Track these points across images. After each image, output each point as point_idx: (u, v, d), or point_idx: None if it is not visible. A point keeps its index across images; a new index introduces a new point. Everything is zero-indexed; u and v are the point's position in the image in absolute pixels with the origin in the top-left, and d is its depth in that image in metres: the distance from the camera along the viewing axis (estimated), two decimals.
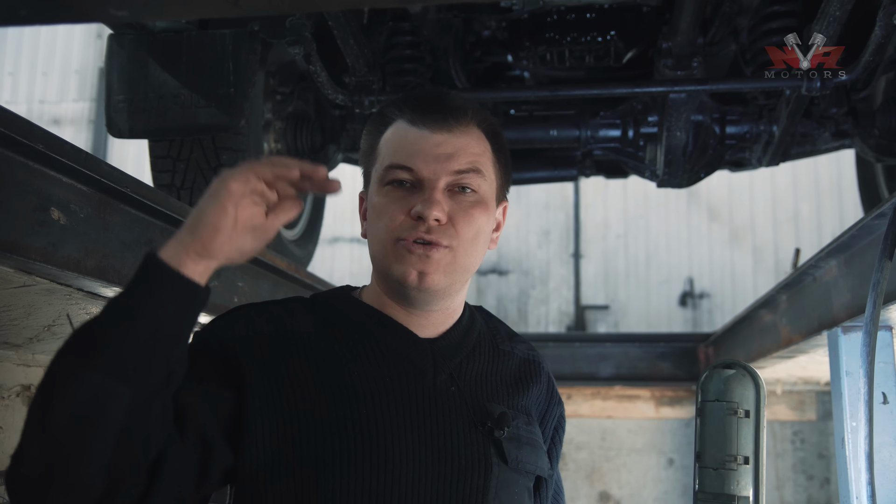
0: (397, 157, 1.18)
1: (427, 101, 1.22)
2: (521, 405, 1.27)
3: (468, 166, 1.18)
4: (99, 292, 1.65)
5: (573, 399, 5.27)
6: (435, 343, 1.22)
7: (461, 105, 1.22)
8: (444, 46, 2.85)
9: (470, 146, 1.20)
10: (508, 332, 1.38)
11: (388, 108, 1.26)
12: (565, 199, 8.49)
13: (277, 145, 3.03)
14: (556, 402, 1.38)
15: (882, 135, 2.71)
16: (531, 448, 1.23)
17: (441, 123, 1.19)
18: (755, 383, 1.23)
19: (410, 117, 1.20)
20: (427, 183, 1.16)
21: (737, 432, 1.23)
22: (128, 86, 2.28)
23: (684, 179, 2.94)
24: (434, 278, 1.16)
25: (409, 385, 1.15)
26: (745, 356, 3.53)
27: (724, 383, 1.25)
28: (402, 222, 1.16)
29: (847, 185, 7.66)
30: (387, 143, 1.22)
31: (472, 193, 1.19)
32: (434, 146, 1.18)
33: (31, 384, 2.30)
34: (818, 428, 5.29)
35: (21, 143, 1.31)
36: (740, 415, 1.22)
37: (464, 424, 1.15)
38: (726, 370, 1.25)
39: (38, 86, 9.21)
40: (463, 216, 1.17)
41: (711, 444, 1.24)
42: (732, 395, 1.24)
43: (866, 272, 1.92)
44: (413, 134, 1.19)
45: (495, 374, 1.27)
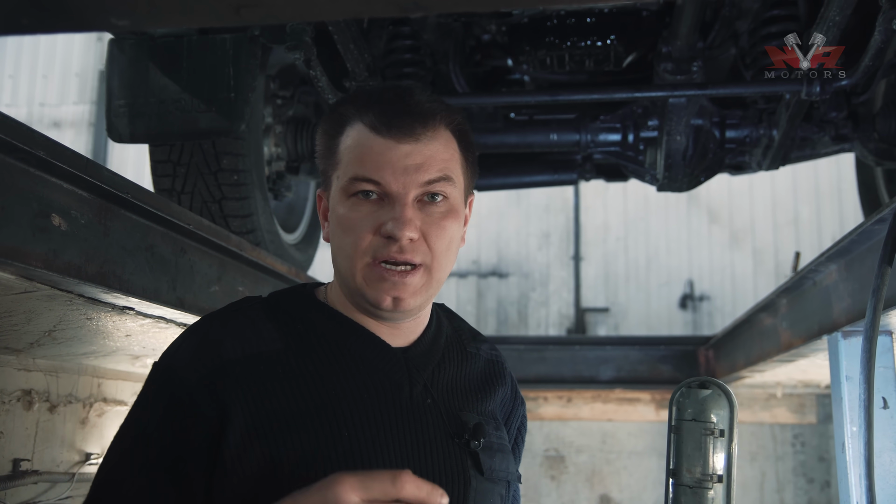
0: (362, 169, 1.10)
1: (391, 107, 1.12)
2: (490, 410, 1.26)
3: (438, 175, 1.12)
4: (100, 298, 1.65)
5: (573, 402, 5.27)
6: (407, 353, 1.19)
7: (427, 108, 1.13)
8: (444, 50, 2.86)
9: (439, 153, 1.13)
10: (471, 331, 1.36)
11: (345, 106, 1.17)
12: (565, 201, 8.49)
13: (277, 149, 3.03)
14: (519, 402, 1.37)
15: (882, 138, 2.71)
16: (502, 455, 1.22)
17: (408, 132, 1.11)
18: (729, 403, 1.26)
19: (372, 123, 1.11)
20: (396, 197, 1.10)
21: (713, 451, 1.25)
22: (128, 90, 2.27)
23: (684, 183, 2.94)
24: (409, 302, 1.12)
25: (387, 399, 1.12)
26: (746, 359, 3.53)
27: (701, 403, 1.27)
28: (372, 241, 1.10)
29: (847, 187, 7.67)
30: (348, 149, 1.14)
31: (442, 202, 1.13)
32: (402, 157, 1.10)
33: (31, 389, 2.30)
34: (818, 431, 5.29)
35: (22, 149, 1.32)
36: (716, 434, 1.25)
37: (441, 438, 1.14)
38: (702, 390, 1.27)
39: (38, 88, 9.22)
40: (435, 229, 1.12)
41: (689, 462, 1.26)
42: (709, 414, 1.26)
43: (866, 277, 1.92)
44: (377, 144, 1.11)
45: (464, 378, 1.25)
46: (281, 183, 3.09)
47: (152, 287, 1.78)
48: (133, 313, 1.84)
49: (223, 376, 1.07)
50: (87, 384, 2.61)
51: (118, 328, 2.00)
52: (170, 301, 1.85)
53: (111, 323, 1.92)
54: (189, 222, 1.89)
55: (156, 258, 1.80)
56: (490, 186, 3.34)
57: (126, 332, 2.07)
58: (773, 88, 2.39)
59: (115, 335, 2.09)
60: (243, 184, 2.61)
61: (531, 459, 5.55)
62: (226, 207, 2.62)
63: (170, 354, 1.13)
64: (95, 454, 2.61)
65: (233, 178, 2.59)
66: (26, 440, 2.29)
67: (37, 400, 2.32)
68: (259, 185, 2.71)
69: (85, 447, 2.58)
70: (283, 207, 3.34)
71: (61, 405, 2.45)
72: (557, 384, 4.84)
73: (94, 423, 2.63)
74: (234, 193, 2.61)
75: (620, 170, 3.31)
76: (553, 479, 5.52)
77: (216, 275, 2.11)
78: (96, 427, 2.64)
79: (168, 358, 1.12)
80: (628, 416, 5.27)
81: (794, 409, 5.18)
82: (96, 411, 2.65)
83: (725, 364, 4.14)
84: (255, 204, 2.67)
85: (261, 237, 2.73)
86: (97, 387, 2.66)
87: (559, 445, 5.54)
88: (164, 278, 1.83)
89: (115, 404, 2.77)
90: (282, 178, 3.09)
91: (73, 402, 2.52)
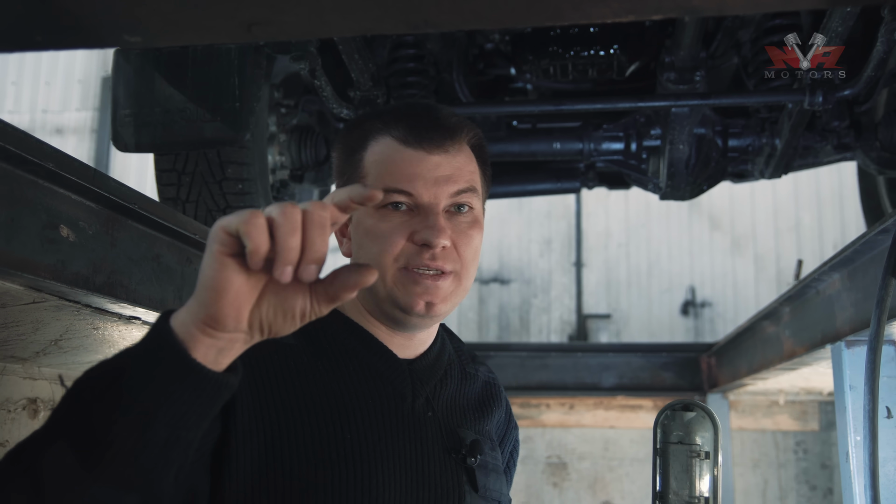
0: (393, 180, 1.14)
1: (420, 119, 1.17)
2: (486, 430, 1.28)
3: (466, 185, 1.16)
4: (107, 308, 1.66)
5: (576, 409, 5.27)
6: (413, 365, 1.21)
7: (455, 123, 1.18)
8: (447, 59, 2.87)
9: (466, 165, 1.18)
10: (470, 353, 1.38)
11: (370, 121, 1.21)
12: (567, 208, 8.50)
13: (281, 158, 3.04)
14: (512, 426, 1.40)
15: (884, 147, 2.72)
16: (496, 475, 1.24)
17: (437, 144, 1.15)
18: (713, 425, 1.28)
19: (402, 136, 1.15)
20: (429, 207, 1.13)
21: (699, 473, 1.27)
22: (134, 100, 2.28)
23: (687, 192, 2.95)
24: (440, 307, 1.14)
25: (390, 409, 1.14)
26: (748, 367, 3.53)
27: (686, 426, 1.29)
28: (405, 248, 1.13)
29: (848, 194, 7.67)
30: (376, 162, 1.17)
31: (468, 212, 1.17)
32: (432, 168, 1.14)
33: (36, 397, 2.31)
34: (821, 438, 5.29)
35: (32, 161, 1.33)
36: (702, 456, 1.27)
37: (440, 451, 1.15)
38: (687, 412, 1.28)
39: (41, 95, 9.24)
40: (463, 238, 1.15)
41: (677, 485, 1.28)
42: (694, 437, 1.28)
43: (869, 286, 1.93)
44: (408, 155, 1.14)
45: (463, 397, 1.27)
46: (285, 191, 3.10)
47: (158, 297, 1.78)
48: (139, 323, 1.85)
49: None
50: None
51: (124, 337, 2.01)
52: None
53: (117, 332, 1.93)
54: (195, 232, 1.90)
55: (162, 268, 1.81)
56: (493, 195, 3.35)
57: (132, 341, 2.07)
58: (776, 98, 2.40)
59: (121, 344, 2.10)
60: (248, 192, 2.62)
61: (533, 466, 5.55)
62: None
63: None
64: None
65: (237, 187, 2.60)
66: None
67: (42, 408, 2.33)
68: (263, 194, 2.72)
69: None
70: None
71: None
72: (560, 391, 4.85)
73: None
74: (239, 202, 2.62)
75: (623, 178, 3.32)
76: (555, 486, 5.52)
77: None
78: None
79: None
80: (630, 423, 5.27)
81: (797, 417, 5.18)
82: None
83: (728, 371, 4.14)
84: None
85: None
86: None
87: (561, 452, 5.54)
88: (170, 288, 1.84)
89: None
90: (286, 186, 3.10)
91: None
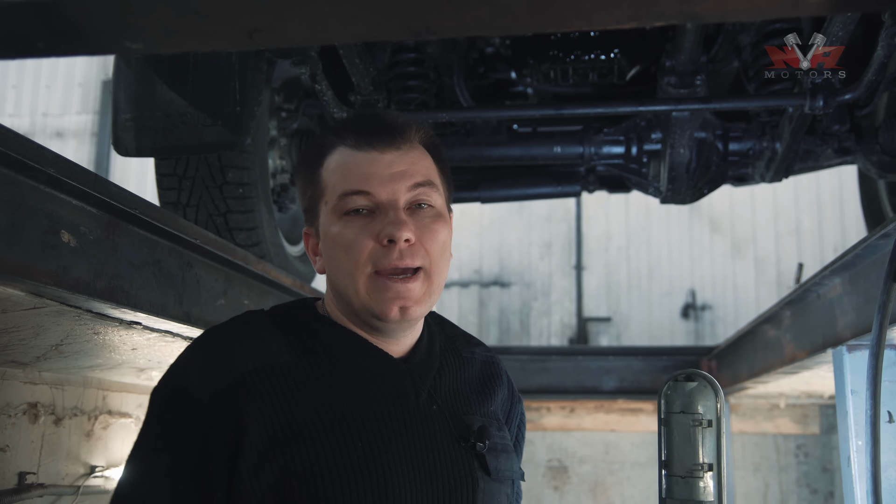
0: (350, 183, 1.15)
1: (369, 123, 1.20)
2: (492, 411, 1.29)
3: (423, 179, 1.18)
4: (107, 313, 1.66)
5: (576, 412, 5.27)
6: (408, 362, 1.21)
7: (403, 122, 1.20)
8: (448, 63, 2.87)
9: (420, 161, 1.20)
10: (464, 335, 1.39)
11: (322, 138, 1.24)
12: (567, 211, 8.51)
13: (282, 161, 3.04)
14: (517, 400, 1.41)
15: (885, 151, 2.72)
16: (506, 455, 1.25)
17: (388, 142, 1.17)
18: (715, 394, 1.30)
19: (353, 142, 1.18)
20: (388, 205, 1.14)
21: (701, 441, 1.29)
22: (135, 104, 2.28)
23: (688, 196, 2.95)
24: (415, 310, 1.15)
25: (395, 409, 1.15)
26: (749, 371, 3.53)
27: (687, 396, 1.31)
28: (372, 250, 1.13)
29: (849, 196, 7.68)
30: (332, 172, 1.19)
31: (429, 208, 1.18)
32: (386, 166, 1.16)
33: (37, 402, 2.31)
34: (822, 441, 5.28)
35: (33, 167, 1.33)
36: (704, 425, 1.29)
37: (448, 443, 1.17)
38: (688, 382, 1.31)
39: (41, 98, 9.25)
40: (428, 233, 1.16)
41: (678, 453, 1.31)
42: (696, 406, 1.31)
43: (871, 291, 1.93)
44: (361, 158, 1.17)
45: (464, 383, 1.28)
46: (285, 195, 3.10)
47: (159, 302, 1.78)
48: (140, 328, 1.85)
49: (236, 390, 1.07)
50: (93, 396, 2.61)
51: (125, 342, 2.01)
52: (176, 315, 1.85)
53: (118, 337, 1.93)
54: (196, 237, 1.90)
55: (163, 273, 1.81)
56: (494, 199, 3.35)
57: (132, 346, 2.07)
58: (777, 102, 2.40)
59: (122, 349, 2.10)
60: (248, 197, 2.62)
61: (534, 469, 5.54)
62: (231, 220, 2.63)
63: (178, 372, 1.13)
64: (100, 466, 2.61)
65: (238, 191, 2.60)
66: (32, 453, 2.29)
67: (42, 413, 2.33)
68: (264, 198, 2.72)
69: (90, 460, 2.58)
70: (286, 219, 3.35)
71: (67, 418, 2.46)
72: (560, 395, 4.85)
73: (98, 436, 2.63)
74: (240, 206, 2.62)
75: (623, 181, 3.32)
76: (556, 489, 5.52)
77: (222, 288, 2.12)
78: (101, 440, 2.65)
79: (177, 376, 1.12)
80: (631, 426, 5.27)
81: (798, 420, 5.18)
82: (101, 424, 2.65)
83: (728, 375, 4.14)
84: (260, 217, 2.68)
85: (265, 249, 2.74)
86: (102, 399, 2.67)
87: (562, 456, 5.53)
88: (170, 293, 1.84)
89: (119, 416, 2.77)
90: (286, 190, 3.10)
91: (78, 415, 2.52)
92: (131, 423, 2.84)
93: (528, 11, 0.80)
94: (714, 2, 0.79)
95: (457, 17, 0.82)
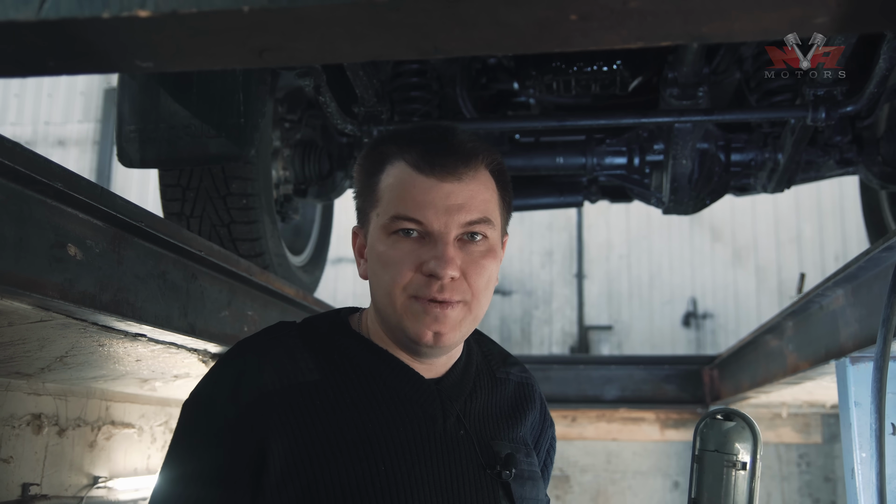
0: (404, 207, 1.11)
1: (434, 145, 1.13)
2: (521, 436, 1.27)
3: (479, 216, 1.12)
4: (113, 326, 1.66)
5: (578, 421, 5.26)
6: (440, 384, 1.19)
7: (470, 148, 1.14)
8: (450, 75, 2.88)
9: (480, 193, 1.14)
10: (501, 353, 1.36)
11: (386, 144, 1.18)
12: (568, 219, 8.51)
13: (285, 172, 3.05)
14: (548, 424, 1.39)
15: (886, 162, 2.72)
16: (532, 483, 1.24)
17: (451, 171, 1.11)
18: (753, 436, 1.27)
19: (415, 161, 1.12)
20: (438, 236, 1.10)
21: (734, 483, 1.26)
22: (139, 116, 2.29)
23: (690, 206, 2.95)
24: (449, 337, 1.12)
25: (422, 433, 1.13)
26: (751, 381, 3.53)
27: (724, 435, 1.28)
28: (413, 279, 1.11)
29: (849, 205, 7.68)
30: (389, 187, 1.14)
31: (482, 241, 1.14)
32: (444, 197, 1.10)
33: (41, 413, 2.31)
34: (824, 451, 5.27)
35: (40, 181, 1.33)
36: (738, 467, 1.26)
37: (474, 469, 1.15)
38: (727, 422, 1.28)
39: (43, 107, 9.27)
40: (474, 268, 1.12)
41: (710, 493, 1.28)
42: (731, 447, 1.27)
43: (874, 303, 1.93)
44: (420, 182, 1.11)
45: (495, 406, 1.26)
46: (288, 206, 3.11)
47: (164, 314, 1.79)
48: (145, 340, 1.85)
49: (263, 409, 1.08)
50: (96, 407, 2.61)
51: (129, 354, 2.01)
52: (181, 327, 1.86)
53: (122, 349, 1.93)
54: (200, 248, 1.90)
55: (168, 285, 1.81)
56: None
57: (136, 358, 2.08)
58: (779, 114, 2.41)
59: (126, 360, 2.10)
60: (252, 208, 2.63)
61: None
62: (235, 231, 2.64)
63: (208, 387, 1.14)
64: (103, 477, 2.61)
65: (242, 202, 2.60)
66: (35, 465, 2.29)
67: (46, 424, 2.33)
68: (267, 209, 2.73)
69: (93, 471, 2.58)
70: (289, 230, 3.35)
71: (70, 428, 2.46)
72: (562, 403, 4.84)
73: (102, 447, 2.63)
74: (243, 217, 2.62)
75: (625, 192, 3.33)
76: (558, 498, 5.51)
77: (226, 300, 2.12)
78: (104, 450, 2.65)
79: (206, 390, 1.13)
80: (633, 435, 5.26)
81: (800, 429, 5.17)
82: (104, 434, 2.65)
83: (730, 384, 4.14)
84: (263, 227, 2.68)
85: (269, 260, 2.75)
86: (105, 409, 2.67)
87: (564, 465, 5.52)
88: (175, 305, 1.84)
89: (123, 427, 2.77)
90: (289, 200, 3.10)
91: (81, 426, 2.52)
92: (134, 434, 2.84)
93: (535, 32, 0.81)
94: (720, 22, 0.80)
95: (465, 37, 0.82)
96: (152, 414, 2.99)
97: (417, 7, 0.75)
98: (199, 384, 1.14)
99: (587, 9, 0.76)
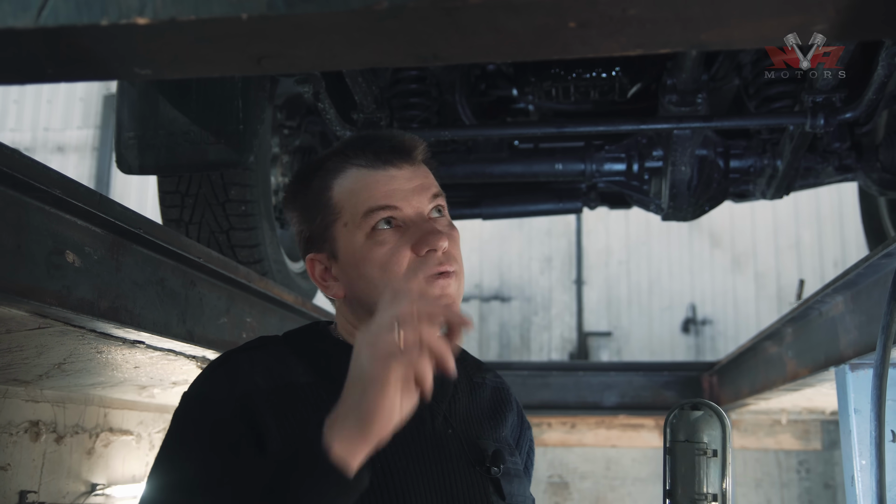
0: (374, 200, 1.17)
1: (377, 144, 1.21)
2: (504, 436, 1.30)
3: (438, 191, 1.22)
4: (111, 333, 1.66)
5: (577, 428, 5.26)
6: None
7: (411, 139, 1.23)
8: (449, 81, 2.88)
9: (429, 174, 1.24)
10: (475, 361, 1.39)
11: (326, 161, 1.23)
12: (567, 225, 8.51)
13: (284, 178, 3.05)
14: (526, 427, 1.41)
15: (885, 168, 2.72)
16: (519, 480, 1.26)
17: (404, 158, 1.20)
18: (722, 424, 1.29)
19: (368, 162, 1.19)
20: (417, 217, 1.17)
21: (706, 471, 1.28)
22: (138, 122, 2.29)
23: (689, 213, 2.95)
24: (457, 305, 1.16)
25: (412, 432, 1.13)
26: (750, 387, 3.53)
27: (693, 425, 1.30)
28: (411, 261, 1.15)
29: (848, 211, 7.68)
30: (349, 192, 1.19)
31: (445, 215, 1.23)
32: (405, 181, 1.19)
33: (38, 420, 2.30)
34: (824, 458, 5.27)
35: (39, 188, 1.33)
36: (709, 454, 1.28)
37: (464, 466, 1.17)
38: (694, 411, 1.30)
39: (42, 113, 9.27)
40: (450, 240, 1.18)
41: (683, 482, 1.30)
42: (701, 435, 1.30)
43: (873, 310, 1.93)
44: (379, 176, 1.18)
45: (476, 408, 1.29)
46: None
47: (162, 321, 1.78)
48: (143, 347, 1.85)
49: (258, 399, 1.09)
50: (94, 414, 2.61)
51: (127, 360, 2.01)
52: (179, 334, 1.86)
53: (121, 356, 1.93)
54: (199, 255, 1.90)
55: (166, 292, 1.81)
56: (495, 215, 3.35)
57: (135, 364, 2.07)
58: (778, 121, 2.41)
59: (124, 367, 2.09)
60: (251, 214, 2.63)
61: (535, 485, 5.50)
62: (233, 238, 2.63)
63: (200, 386, 1.14)
64: (101, 485, 2.61)
65: (241, 209, 2.60)
66: (33, 472, 2.29)
67: (44, 431, 2.32)
68: (266, 215, 2.73)
69: (91, 478, 2.58)
70: (288, 236, 3.35)
71: (68, 436, 2.45)
72: (561, 410, 4.84)
73: (100, 454, 2.63)
74: (242, 224, 2.62)
75: (624, 198, 3.32)
76: None
77: (225, 307, 2.12)
78: (102, 457, 2.64)
79: (199, 389, 1.14)
80: (632, 442, 5.25)
81: (799, 436, 5.17)
82: (102, 441, 2.64)
83: (730, 391, 4.13)
84: (262, 234, 2.68)
85: (268, 267, 2.74)
86: (104, 416, 2.66)
87: (563, 472, 5.51)
88: (173, 311, 1.84)
89: (121, 434, 2.76)
90: None
91: (79, 433, 2.52)
92: (132, 441, 2.84)
93: (534, 39, 0.81)
94: (719, 30, 0.80)
95: (464, 45, 0.83)
96: (151, 421, 2.98)
97: (416, 14, 0.75)
98: (190, 388, 1.14)
99: (586, 16, 0.76)
